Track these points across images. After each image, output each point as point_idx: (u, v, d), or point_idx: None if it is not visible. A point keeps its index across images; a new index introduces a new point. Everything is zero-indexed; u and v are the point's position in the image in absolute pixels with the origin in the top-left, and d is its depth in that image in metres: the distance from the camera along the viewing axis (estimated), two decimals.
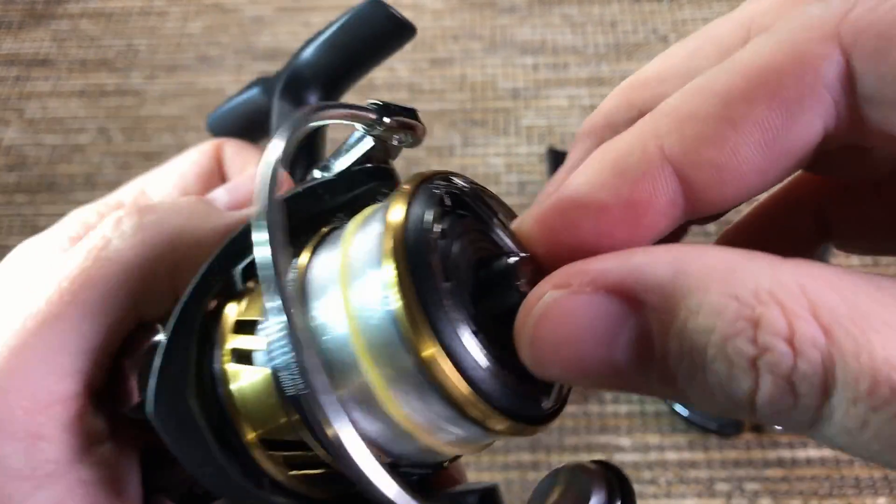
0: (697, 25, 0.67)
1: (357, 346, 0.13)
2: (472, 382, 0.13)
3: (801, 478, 0.46)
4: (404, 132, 0.18)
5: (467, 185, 0.16)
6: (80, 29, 0.69)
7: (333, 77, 0.23)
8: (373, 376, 0.13)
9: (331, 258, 0.15)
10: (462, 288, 0.14)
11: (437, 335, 0.13)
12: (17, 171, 0.61)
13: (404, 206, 0.14)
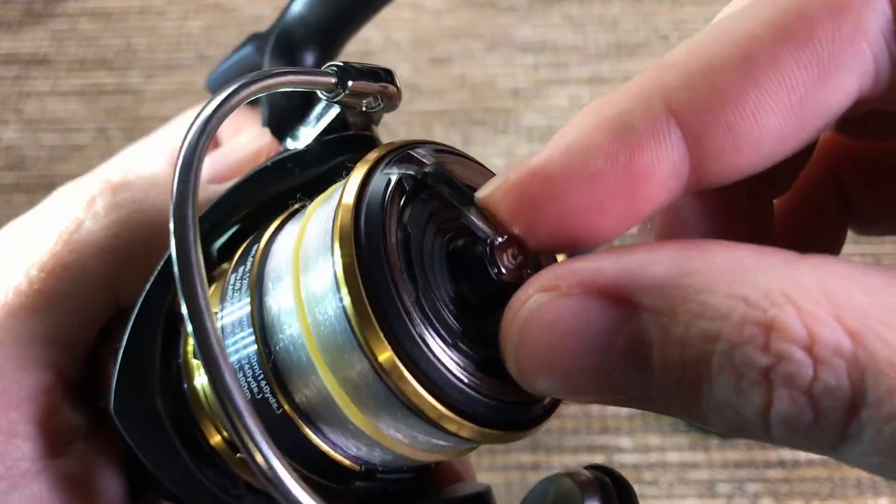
0: (699, 25, 0.67)
1: (311, 348, 0.12)
2: (439, 391, 0.11)
3: (803, 478, 0.46)
4: (375, 97, 0.15)
5: (438, 154, 0.13)
6: (79, 28, 0.69)
7: (328, 31, 0.22)
8: (330, 382, 0.12)
9: (288, 243, 0.13)
10: (431, 278, 0.12)
11: (393, 336, 0.11)
12: (15, 171, 0.61)
13: (359, 183, 0.12)
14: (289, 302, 0.12)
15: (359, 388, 0.12)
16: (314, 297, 0.12)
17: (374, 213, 0.12)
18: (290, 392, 0.12)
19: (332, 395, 0.12)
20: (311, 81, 0.14)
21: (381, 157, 0.13)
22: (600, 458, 0.47)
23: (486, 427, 0.12)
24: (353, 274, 0.11)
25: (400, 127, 0.62)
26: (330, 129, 0.16)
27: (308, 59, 0.21)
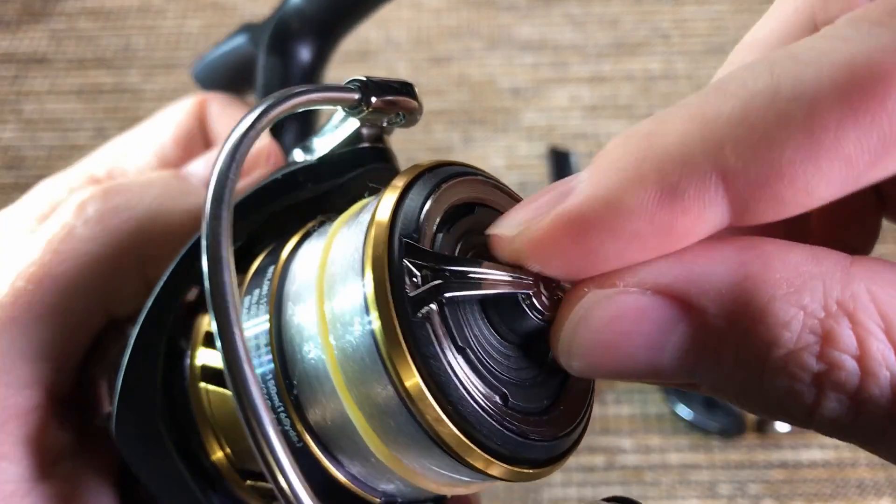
0: (699, 24, 0.67)
1: (334, 374, 0.11)
2: (469, 427, 0.11)
3: (804, 479, 0.46)
4: (396, 112, 0.15)
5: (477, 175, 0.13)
6: (78, 27, 0.69)
7: (326, 25, 0.21)
8: (353, 411, 0.11)
9: (310, 263, 0.12)
10: (462, 308, 0.11)
11: (420, 360, 0.11)
12: (14, 171, 0.61)
13: (393, 204, 0.11)
14: (312, 326, 0.12)
15: (383, 417, 0.11)
16: (340, 320, 0.11)
17: (410, 232, 0.11)
18: (310, 422, 0.12)
19: (355, 424, 0.11)
20: (335, 98, 0.13)
21: (422, 171, 0.12)
22: (601, 459, 0.47)
23: (513, 465, 0.11)
24: (384, 296, 0.11)
25: None
26: (345, 142, 0.15)
27: (304, 53, 0.21)
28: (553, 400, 0.13)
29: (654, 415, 0.48)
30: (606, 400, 0.49)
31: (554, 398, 0.13)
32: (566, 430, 0.12)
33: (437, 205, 0.12)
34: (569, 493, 0.46)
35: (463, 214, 0.12)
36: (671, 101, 0.69)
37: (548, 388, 0.13)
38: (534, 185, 0.59)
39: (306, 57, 0.21)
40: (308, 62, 0.20)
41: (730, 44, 0.71)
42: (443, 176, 0.12)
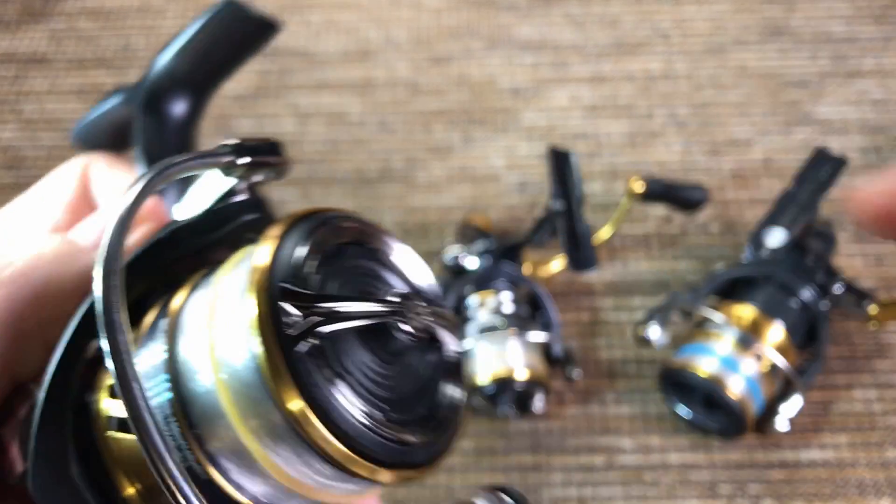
0: (699, 24, 0.67)
1: (226, 401, 0.13)
2: (352, 441, 0.12)
3: (804, 479, 0.46)
4: (266, 169, 0.16)
5: (344, 224, 0.15)
6: (78, 27, 0.69)
7: (197, 83, 0.22)
8: (244, 434, 0.13)
9: (198, 308, 0.14)
10: (343, 333, 0.13)
11: (303, 387, 0.12)
12: (14, 171, 0.61)
13: (272, 247, 0.13)
14: (205, 368, 0.13)
15: (277, 443, 0.13)
16: (230, 360, 0.13)
17: (286, 269, 0.13)
18: (212, 454, 0.13)
19: (252, 452, 0.13)
20: (210, 163, 0.15)
21: (297, 219, 0.14)
22: (601, 459, 0.47)
23: (397, 470, 0.13)
24: (267, 337, 0.12)
25: (401, 126, 0.62)
26: (221, 197, 0.17)
27: (178, 110, 0.22)
28: (429, 410, 0.14)
29: (654, 415, 0.48)
30: (606, 400, 0.49)
31: (430, 408, 0.14)
32: (441, 434, 0.14)
33: (312, 249, 0.13)
34: (569, 493, 0.46)
35: (337, 255, 0.14)
36: (671, 100, 0.70)
37: (424, 399, 0.14)
38: (534, 185, 0.59)
39: (181, 113, 0.22)
40: (182, 118, 0.21)
41: (730, 43, 0.71)
42: (315, 222, 0.14)
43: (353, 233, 0.15)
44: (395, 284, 0.15)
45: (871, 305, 0.46)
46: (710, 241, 0.55)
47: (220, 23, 0.22)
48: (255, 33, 0.23)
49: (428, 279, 0.15)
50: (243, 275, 0.13)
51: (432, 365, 0.15)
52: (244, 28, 0.22)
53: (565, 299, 0.53)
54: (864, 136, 0.60)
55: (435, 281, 0.16)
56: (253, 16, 0.22)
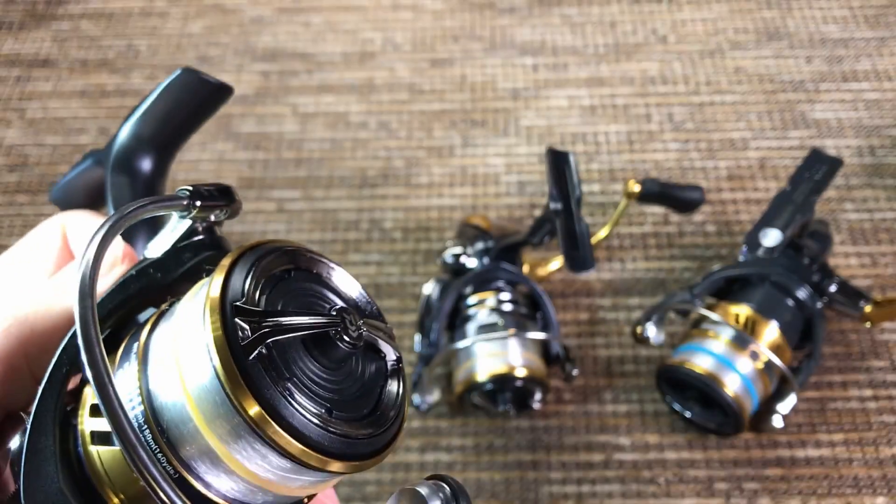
0: (696, 26, 0.68)
1: (192, 411, 0.15)
2: (304, 437, 0.14)
3: (800, 477, 0.46)
4: (220, 209, 0.19)
5: (287, 252, 0.17)
6: (81, 29, 0.70)
7: (162, 143, 0.24)
8: (211, 438, 0.15)
9: (165, 333, 0.16)
10: (288, 343, 0.15)
11: (257, 393, 0.14)
12: (18, 172, 0.61)
13: (223, 275, 0.15)
14: (172, 380, 0.15)
15: (238, 442, 0.14)
16: (193, 371, 0.15)
17: (237, 293, 0.15)
18: (182, 457, 0.15)
19: (218, 452, 0.15)
20: (168, 206, 0.18)
21: (244, 250, 0.16)
22: (599, 457, 0.47)
23: (345, 460, 0.15)
24: (223, 349, 0.14)
25: (401, 127, 0.63)
26: (183, 238, 0.19)
27: (145, 167, 0.24)
28: (372, 407, 0.16)
29: (651, 413, 0.49)
30: (604, 398, 0.49)
31: (373, 406, 0.16)
32: (384, 428, 0.16)
33: (259, 275, 0.15)
34: (567, 490, 0.46)
35: (281, 280, 0.16)
36: (668, 102, 0.70)
37: (367, 399, 0.16)
38: (532, 186, 0.59)
39: (147, 171, 0.24)
40: (150, 175, 0.24)
41: (726, 46, 0.72)
42: (261, 252, 0.16)
43: (296, 259, 0.17)
44: (335, 301, 0.17)
45: (865, 305, 0.46)
46: (707, 241, 0.56)
47: (179, 88, 0.25)
48: (212, 97, 0.25)
49: (363, 295, 0.18)
50: (201, 300, 0.15)
51: (375, 370, 0.17)
52: (202, 92, 0.25)
53: (564, 299, 0.53)
54: (858, 136, 0.60)
55: (368, 296, 0.18)
56: (210, 81, 0.25)
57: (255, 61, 0.67)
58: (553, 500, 0.46)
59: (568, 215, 0.44)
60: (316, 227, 0.57)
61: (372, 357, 0.17)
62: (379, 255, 0.56)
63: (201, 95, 0.25)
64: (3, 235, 0.58)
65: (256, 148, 0.61)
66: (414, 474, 0.47)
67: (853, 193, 0.57)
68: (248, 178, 0.60)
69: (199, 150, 0.61)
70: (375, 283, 0.54)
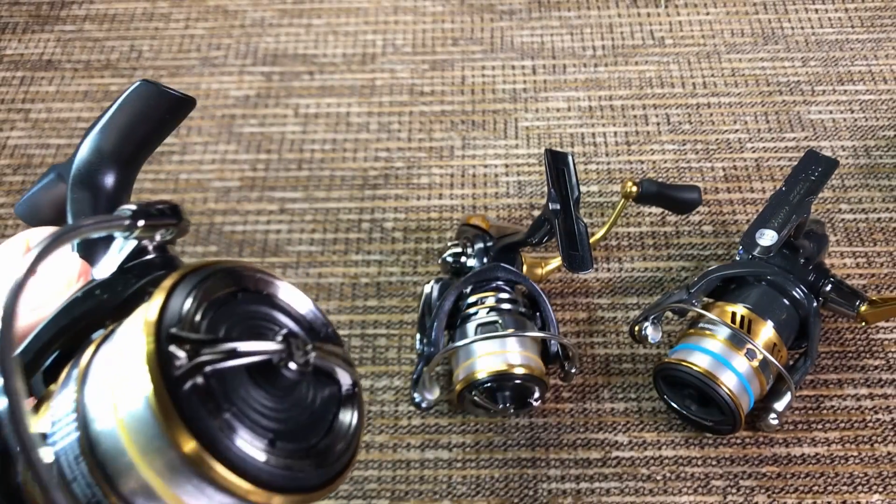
0: (694, 29, 0.68)
1: (128, 445, 0.14)
2: (243, 472, 0.13)
3: (797, 475, 0.46)
4: (164, 228, 0.18)
5: (232, 273, 0.16)
6: (85, 31, 0.70)
7: (123, 157, 0.24)
8: (147, 473, 0.14)
9: (105, 357, 0.15)
10: (229, 371, 0.14)
11: (192, 425, 0.13)
12: (22, 172, 0.62)
13: (161, 298, 0.14)
14: (108, 411, 0.14)
15: (172, 475, 0.14)
16: (128, 402, 0.14)
17: (174, 320, 0.14)
18: (120, 491, 0.14)
19: (151, 484, 0.14)
20: (109, 226, 0.17)
21: (176, 281, 0.15)
22: (597, 454, 0.48)
23: (290, 493, 0.14)
24: (156, 378, 0.13)
25: (402, 128, 0.63)
26: (131, 257, 0.19)
27: (108, 182, 0.24)
28: (322, 436, 0.15)
29: (649, 411, 0.49)
30: (603, 397, 0.50)
31: (323, 435, 0.15)
32: (333, 458, 0.15)
33: (201, 298, 0.15)
34: (566, 487, 0.47)
35: (226, 302, 0.15)
36: (666, 104, 0.71)
37: (318, 428, 0.15)
38: (532, 186, 0.60)
39: (110, 186, 0.24)
40: (112, 190, 0.23)
41: (723, 47, 0.72)
42: (204, 274, 0.15)
43: (242, 280, 0.16)
44: (286, 323, 0.16)
45: (861, 304, 0.47)
46: (704, 241, 0.56)
47: (139, 101, 0.24)
48: (174, 109, 0.25)
49: (318, 317, 0.17)
50: (139, 324, 0.14)
51: (327, 396, 0.16)
52: (163, 104, 0.24)
53: (562, 298, 0.54)
54: (854, 138, 0.61)
55: (324, 317, 0.17)
56: (170, 93, 0.24)
57: (258, 63, 0.67)
58: (551, 497, 0.46)
59: (566, 215, 0.44)
60: (317, 228, 0.58)
61: (325, 383, 0.16)
62: (380, 255, 0.56)
63: (163, 108, 0.24)
64: (7, 235, 0.58)
65: (258, 149, 0.62)
66: (414, 471, 0.48)
67: (849, 194, 0.58)
68: (250, 179, 0.60)
69: (202, 152, 0.62)
70: (376, 282, 0.55)
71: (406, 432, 0.49)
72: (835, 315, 0.51)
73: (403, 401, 0.50)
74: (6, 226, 0.59)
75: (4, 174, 0.62)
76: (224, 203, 0.59)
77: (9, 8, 0.72)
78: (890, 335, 0.51)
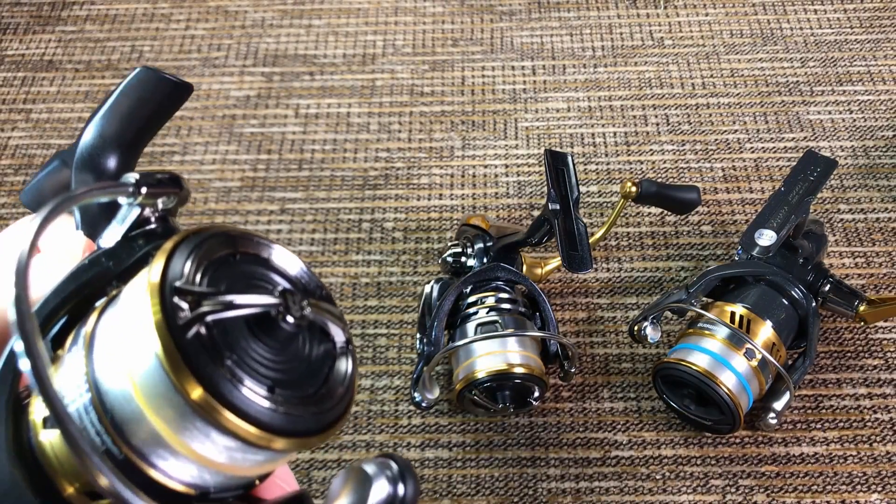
0: (693, 29, 0.68)
1: (137, 396, 0.15)
2: (246, 415, 0.14)
3: (796, 474, 0.47)
4: (166, 196, 0.19)
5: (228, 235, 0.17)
6: (86, 32, 0.70)
7: (125, 141, 0.25)
8: (157, 423, 0.15)
9: (111, 318, 0.16)
10: (230, 324, 0.15)
11: (196, 370, 0.14)
12: (23, 172, 0.62)
13: (163, 258, 0.15)
14: (117, 362, 0.15)
15: (179, 421, 0.15)
16: (136, 353, 0.15)
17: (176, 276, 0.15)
18: (128, 438, 0.15)
19: (160, 432, 0.15)
20: (115, 191, 0.18)
21: (185, 236, 0.16)
22: (596, 453, 0.48)
23: (295, 437, 0.15)
24: (162, 327, 0.14)
25: (402, 128, 0.63)
26: (134, 227, 0.20)
27: (110, 166, 0.25)
28: (319, 386, 0.16)
29: (648, 410, 0.49)
30: (602, 396, 0.50)
31: (321, 384, 0.16)
32: (330, 405, 0.16)
33: (200, 258, 0.16)
34: (565, 486, 0.47)
35: (224, 263, 0.16)
36: (665, 104, 0.71)
37: (314, 379, 0.16)
38: (531, 186, 0.60)
39: (112, 168, 0.25)
40: (114, 173, 0.25)
41: (722, 48, 0.73)
42: (202, 237, 0.16)
43: (239, 243, 0.17)
44: (281, 283, 0.17)
45: (859, 304, 0.47)
46: (703, 241, 0.56)
47: (139, 87, 0.25)
48: (173, 94, 0.26)
49: (311, 278, 0.17)
50: (142, 283, 0.15)
51: (323, 352, 0.17)
52: (162, 90, 0.25)
53: (562, 298, 0.54)
54: (853, 138, 0.61)
55: (316, 278, 0.18)
56: (169, 78, 0.25)
57: (258, 64, 0.67)
58: (551, 496, 0.46)
59: (566, 215, 0.44)
60: (318, 228, 0.58)
61: (320, 339, 0.17)
62: (380, 255, 0.56)
63: (162, 93, 0.25)
64: None
65: (259, 149, 0.62)
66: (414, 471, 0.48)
67: (847, 194, 0.58)
68: (251, 179, 0.61)
69: (203, 152, 0.62)
70: (377, 282, 0.55)
71: (406, 432, 0.49)
72: (834, 315, 0.51)
73: (403, 400, 0.50)
74: (7, 226, 0.59)
75: (6, 174, 0.62)
76: (225, 203, 0.59)
77: (10, 8, 0.72)
78: (889, 335, 0.51)
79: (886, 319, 0.51)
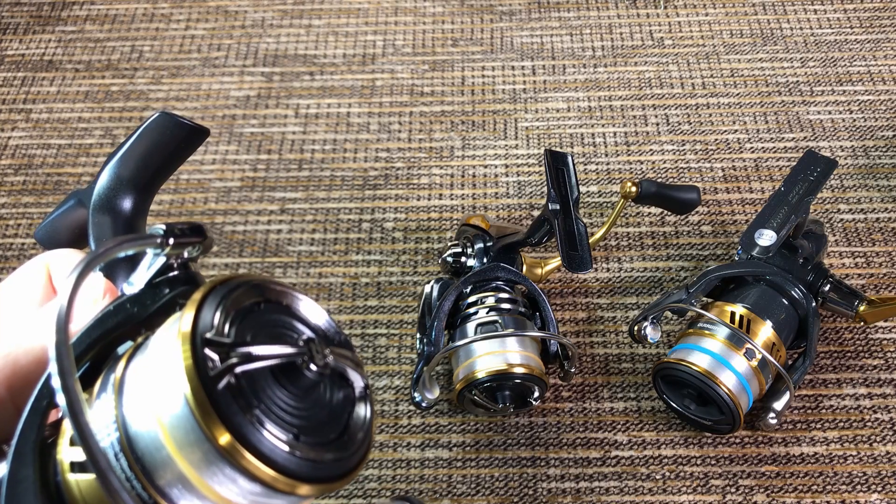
0: (693, 29, 0.68)
1: (166, 439, 0.15)
2: (272, 462, 0.15)
3: (796, 474, 0.47)
4: (192, 246, 0.20)
5: (256, 286, 0.17)
6: (86, 32, 0.70)
7: (141, 183, 0.26)
8: (183, 465, 0.15)
9: (140, 364, 0.17)
10: (257, 373, 0.16)
11: (226, 420, 0.15)
12: (23, 172, 0.62)
13: (194, 308, 0.16)
14: (147, 409, 0.16)
15: (208, 468, 0.15)
16: (167, 401, 0.15)
17: (207, 326, 0.16)
18: (157, 483, 0.16)
19: (189, 478, 0.15)
20: (143, 244, 0.19)
21: (215, 285, 0.17)
22: (596, 453, 0.48)
23: (318, 483, 0.16)
24: (193, 378, 0.15)
25: (402, 128, 0.63)
26: (157, 273, 0.20)
27: (126, 207, 0.26)
28: (340, 432, 0.17)
29: (648, 410, 0.49)
30: (602, 396, 0.50)
31: (341, 431, 0.17)
32: (351, 451, 0.17)
33: (228, 308, 0.16)
34: (565, 486, 0.47)
35: (251, 312, 0.17)
36: (665, 104, 0.71)
37: (335, 425, 0.17)
38: (531, 186, 0.60)
39: (128, 210, 0.26)
40: (130, 214, 0.26)
41: (722, 48, 0.73)
42: (230, 287, 0.17)
43: (265, 292, 0.17)
44: (304, 331, 0.17)
45: (859, 304, 0.47)
46: (703, 241, 0.56)
47: (156, 131, 0.26)
48: (188, 139, 0.26)
49: (331, 325, 0.18)
50: (173, 332, 0.16)
51: (343, 397, 0.17)
52: (178, 135, 0.26)
53: (562, 298, 0.54)
54: (853, 138, 0.61)
55: (335, 325, 0.18)
56: (187, 123, 0.26)
57: (258, 64, 0.67)
58: (551, 496, 0.46)
59: (566, 215, 0.44)
60: (318, 228, 0.58)
61: (340, 385, 0.17)
62: (380, 255, 0.56)
63: (178, 138, 0.26)
64: (8, 236, 0.59)
65: (259, 149, 0.62)
66: (414, 471, 0.48)
67: (847, 194, 0.58)
68: (251, 179, 0.61)
69: (202, 152, 0.62)
70: (377, 282, 0.55)
71: (406, 431, 0.49)
72: (834, 315, 0.51)
73: (403, 400, 0.50)
74: (7, 226, 0.59)
75: (6, 174, 0.62)
76: (225, 203, 0.59)
77: (10, 8, 0.72)
78: (889, 335, 0.51)
79: (886, 319, 0.51)
